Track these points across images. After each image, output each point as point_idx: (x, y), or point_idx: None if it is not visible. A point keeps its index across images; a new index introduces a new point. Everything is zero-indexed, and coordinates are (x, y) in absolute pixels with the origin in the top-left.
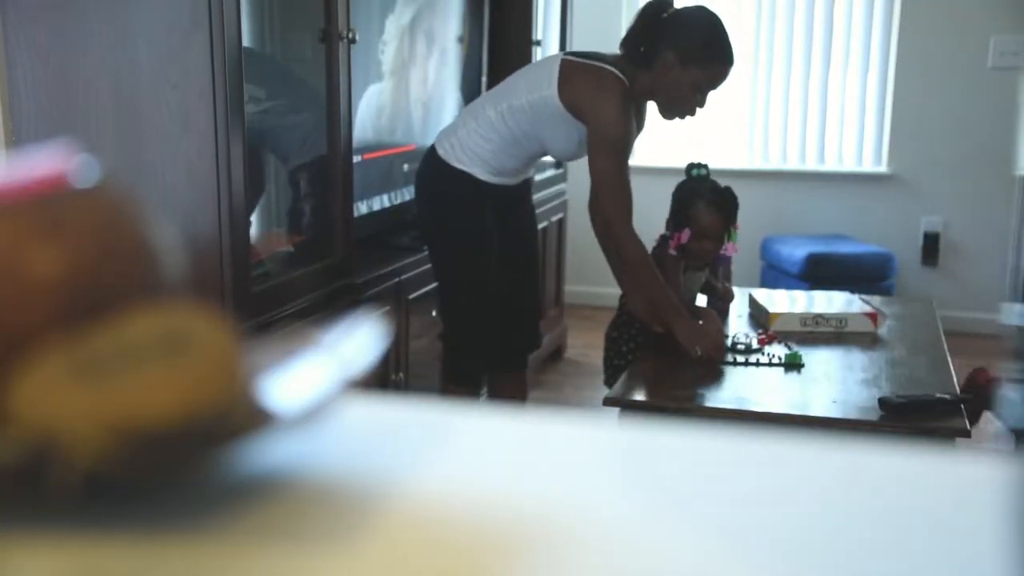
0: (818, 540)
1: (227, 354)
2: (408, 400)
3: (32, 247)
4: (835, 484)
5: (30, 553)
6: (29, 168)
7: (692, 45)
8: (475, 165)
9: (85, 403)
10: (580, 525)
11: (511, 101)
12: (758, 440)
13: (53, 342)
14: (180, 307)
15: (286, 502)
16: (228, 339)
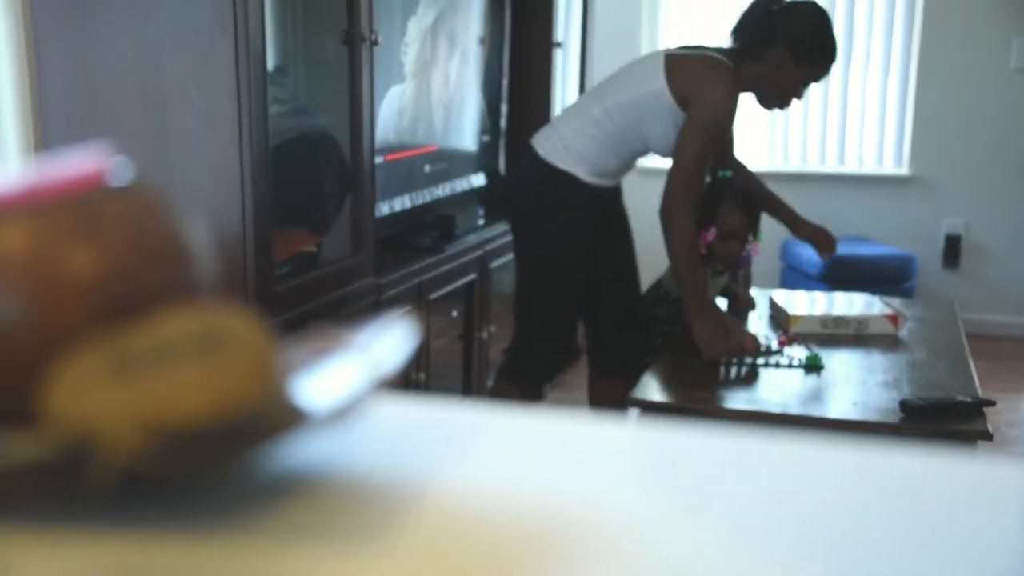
0: (841, 542)
1: (261, 353)
2: (437, 400)
3: (68, 247)
4: (858, 486)
5: (66, 549)
6: (64, 168)
7: (806, 42)
8: (578, 164)
9: (121, 401)
10: (608, 524)
11: (616, 98)
12: (781, 441)
13: (89, 341)
14: (214, 306)
15: (317, 501)
16: (262, 338)
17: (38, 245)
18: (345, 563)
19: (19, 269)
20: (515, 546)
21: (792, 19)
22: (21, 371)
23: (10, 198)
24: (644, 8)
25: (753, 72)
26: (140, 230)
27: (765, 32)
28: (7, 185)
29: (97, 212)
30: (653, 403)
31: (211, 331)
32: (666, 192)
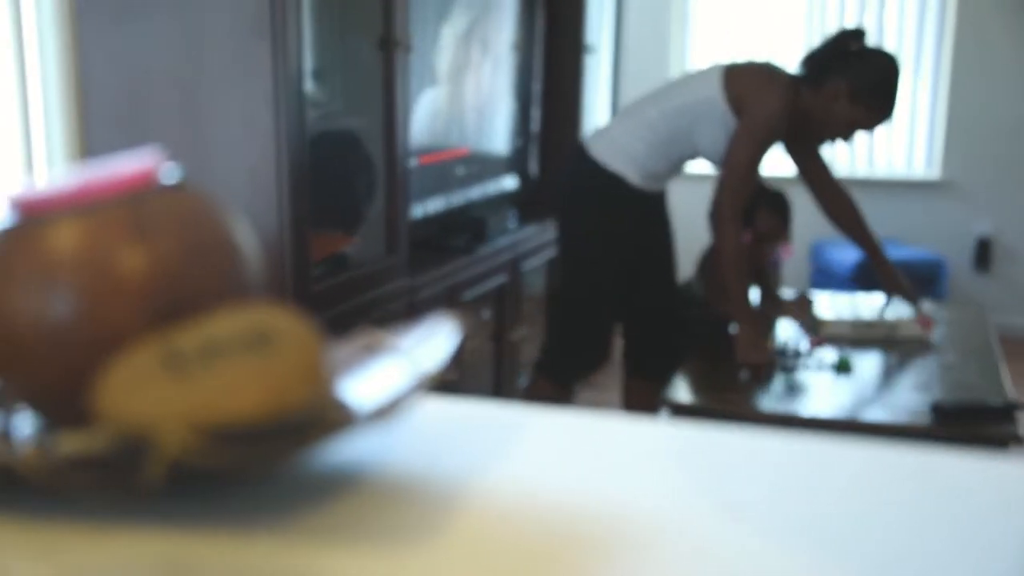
0: (876, 541)
1: (311, 353)
2: (470, 401)
3: (121, 248)
4: (892, 487)
5: (119, 542)
6: (116, 169)
7: (868, 85)
8: (627, 165)
9: (173, 399)
10: (649, 522)
11: (672, 102)
12: (817, 443)
13: (142, 340)
14: (263, 306)
15: (362, 498)
16: (311, 338)
17: (91, 246)
18: (390, 559)
19: (73, 269)
20: (557, 544)
21: (865, 60)
22: (75, 370)
23: (63, 199)
24: (674, 12)
25: (808, 98)
26: (191, 230)
27: (833, 64)
28: (60, 186)
29: (149, 213)
30: (685, 405)
31: (261, 330)
32: (716, 196)
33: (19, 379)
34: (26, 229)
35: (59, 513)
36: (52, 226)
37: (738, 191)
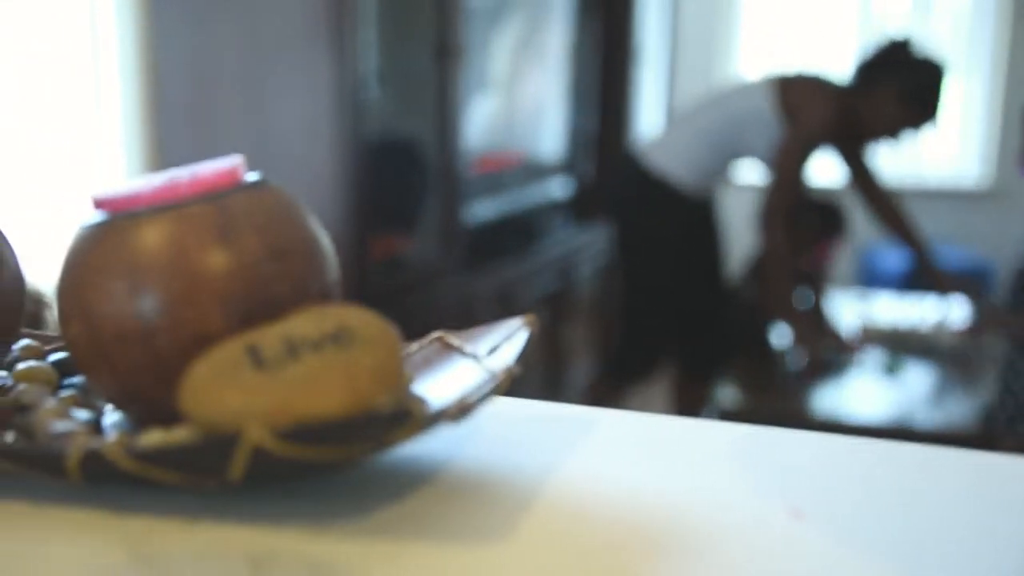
0: (938, 546)
1: (391, 352)
2: (549, 400)
3: (205, 248)
4: (952, 491)
5: (200, 537)
6: (200, 169)
7: (915, 86)
8: (678, 172)
9: (256, 396)
10: (719, 525)
11: (724, 111)
12: (881, 445)
13: (225, 338)
14: (343, 305)
15: (436, 497)
16: (391, 337)
17: (175, 246)
18: (464, 557)
19: (157, 270)
20: (625, 543)
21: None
22: (160, 369)
23: (146, 198)
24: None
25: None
26: (274, 231)
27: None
28: (143, 186)
29: (232, 213)
30: (732, 408)
31: (342, 330)
32: (763, 200)
33: (104, 378)
34: (110, 229)
35: (143, 505)
36: (136, 226)
37: (782, 195)
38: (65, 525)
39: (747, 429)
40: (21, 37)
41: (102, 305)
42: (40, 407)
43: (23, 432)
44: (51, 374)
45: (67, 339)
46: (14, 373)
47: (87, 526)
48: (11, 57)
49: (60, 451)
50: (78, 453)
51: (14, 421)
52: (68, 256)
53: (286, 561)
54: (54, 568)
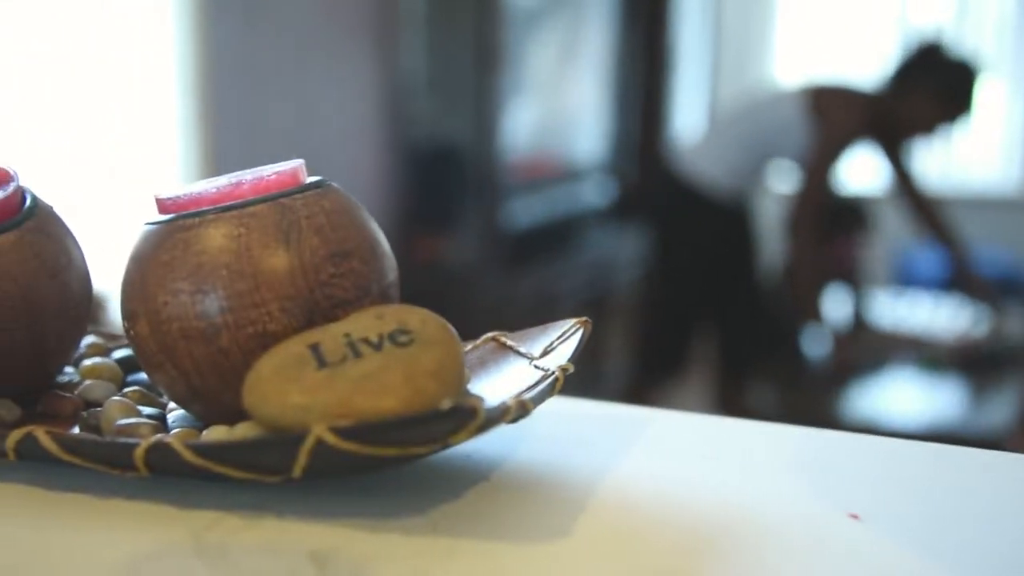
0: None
1: (451, 351)
2: (602, 400)
3: (268, 247)
4: (1005, 493)
5: (261, 528)
6: (261, 170)
7: (952, 89)
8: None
9: (317, 395)
10: (778, 527)
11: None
12: (937, 448)
13: (287, 338)
14: (402, 305)
15: (497, 494)
16: (451, 337)
17: (240, 245)
18: (521, 556)
19: (223, 269)
20: (686, 546)
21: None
22: (223, 369)
23: (208, 199)
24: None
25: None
26: (335, 232)
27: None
28: (205, 187)
29: (295, 212)
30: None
31: (403, 329)
32: (792, 205)
33: (168, 376)
34: (174, 229)
35: (205, 499)
36: (200, 227)
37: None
38: (131, 517)
39: (801, 431)
40: (83, 42)
41: (167, 304)
42: (106, 403)
43: (90, 427)
44: (116, 371)
45: (132, 337)
46: (80, 369)
47: (152, 519)
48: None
49: (127, 445)
50: (145, 447)
51: (81, 416)
52: (132, 256)
53: (346, 555)
54: (122, 559)
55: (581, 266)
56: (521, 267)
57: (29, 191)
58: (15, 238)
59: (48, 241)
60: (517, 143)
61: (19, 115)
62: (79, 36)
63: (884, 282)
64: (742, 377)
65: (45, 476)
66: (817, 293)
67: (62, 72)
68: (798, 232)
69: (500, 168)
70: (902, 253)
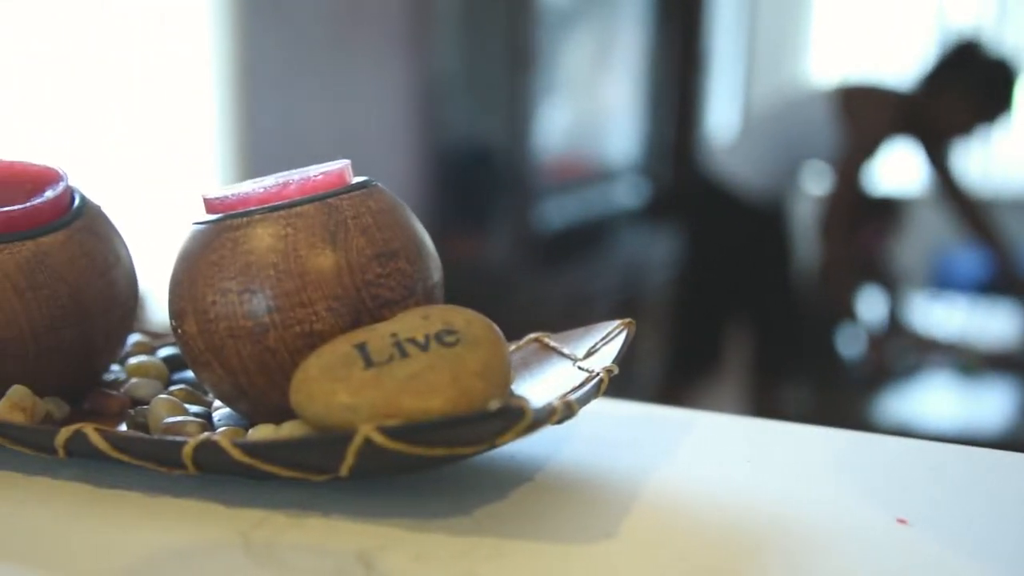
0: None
1: (496, 351)
2: (645, 402)
3: (315, 247)
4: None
5: (308, 526)
6: (309, 171)
7: (992, 89)
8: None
9: (364, 395)
10: (823, 530)
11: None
12: (977, 453)
13: (334, 338)
14: (448, 306)
15: (538, 495)
16: (496, 337)
17: (288, 245)
18: (567, 556)
19: (270, 269)
20: (732, 548)
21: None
22: (270, 368)
23: (256, 199)
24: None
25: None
26: (381, 232)
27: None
28: (252, 187)
29: (342, 212)
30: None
31: (449, 329)
32: (824, 207)
33: (215, 375)
34: (222, 229)
35: (251, 497)
36: (248, 226)
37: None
38: (179, 515)
39: (845, 434)
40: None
41: (215, 304)
42: (153, 401)
43: (137, 425)
44: (161, 369)
45: (179, 336)
46: (127, 367)
47: (200, 516)
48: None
49: (176, 443)
50: (194, 445)
51: (128, 414)
52: (181, 255)
53: (393, 555)
54: (172, 555)
55: (613, 267)
56: (553, 268)
57: (78, 191)
58: (65, 237)
59: (97, 240)
60: (550, 143)
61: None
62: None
63: (921, 284)
64: (775, 378)
65: (93, 473)
66: (851, 294)
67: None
68: (830, 233)
69: (533, 169)
70: (940, 255)
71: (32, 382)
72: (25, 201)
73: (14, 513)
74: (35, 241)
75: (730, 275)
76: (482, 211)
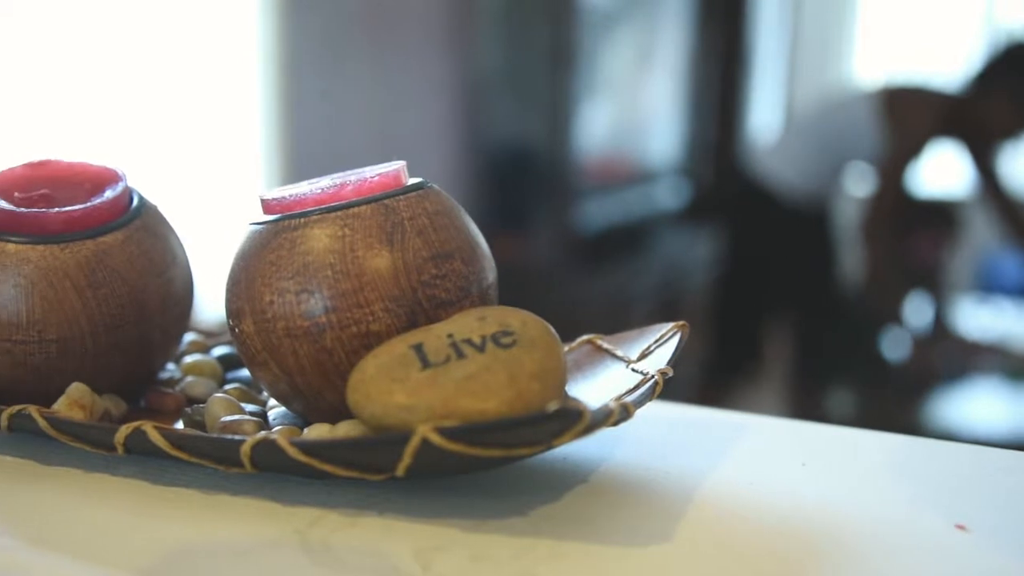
0: None
1: (552, 352)
2: (686, 404)
3: (372, 248)
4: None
5: (365, 525)
6: (365, 172)
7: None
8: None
9: (421, 396)
10: (881, 535)
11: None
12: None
13: (390, 337)
14: (504, 307)
15: (594, 497)
16: (552, 339)
17: (345, 246)
18: (624, 558)
19: (327, 269)
20: (790, 552)
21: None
22: (327, 368)
23: (312, 200)
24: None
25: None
26: (438, 231)
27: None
28: (311, 188)
29: (399, 213)
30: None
31: (505, 330)
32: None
33: (272, 374)
34: (279, 229)
35: (305, 496)
36: (305, 227)
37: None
38: (236, 512)
39: (900, 438)
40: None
41: (272, 303)
42: (210, 399)
43: (193, 423)
44: (216, 368)
45: (236, 335)
46: (182, 366)
47: (257, 514)
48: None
49: (234, 441)
50: (252, 444)
51: (185, 412)
52: (238, 254)
53: (450, 555)
54: (230, 552)
55: (654, 268)
56: (594, 269)
57: (136, 191)
58: (124, 237)
59: (154, 240)
60: (591, 144)
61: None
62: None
63: (968, 288)
64: (818, 382)
65: (150, 471)
66: (894, 297)
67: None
68: (872, 236)
69: (574, 169)
70: (987, 259)
71: (91, 380)
72: (85, 201)
73: (75, 509)
74: (95, 240)
75: (772, 277)
76: (523, 211)
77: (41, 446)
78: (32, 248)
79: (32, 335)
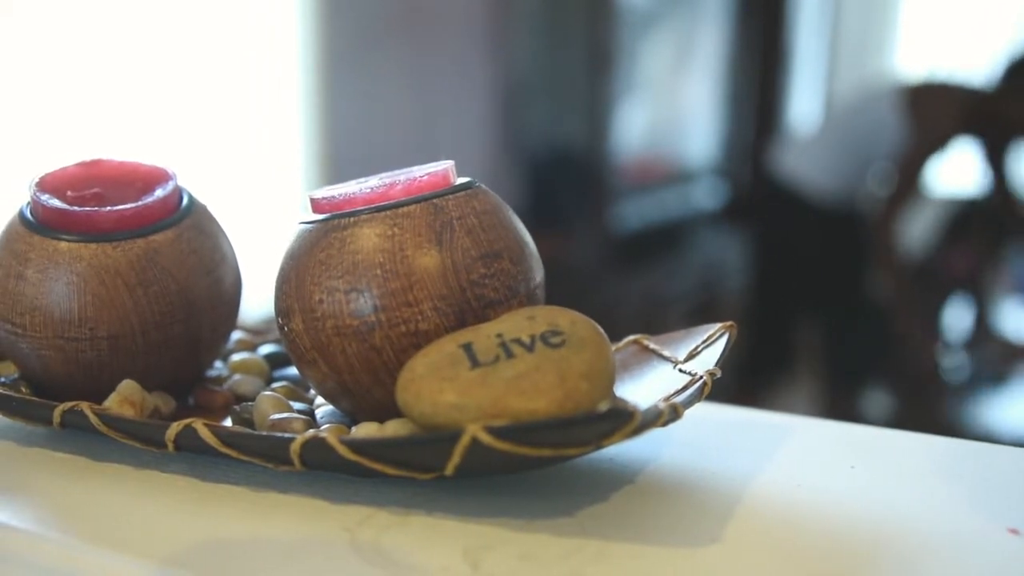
0: None
1: (601, 352)
2: (744, 406)
3: (421, 247)
4: None
5: (415, 524)
6: (413, 172)
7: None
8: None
9: (470, 395)
10: (931, 538)
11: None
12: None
13: (439, 336)
14: (552, 307)
15: (642, 498)
16: (601, 339)
17: (394, 245)
18: (672, 559)
19: (377, 268)
20: (839, 555)
21: None
22: (375, 366)
23: (361, 200)
24: (887, 20)
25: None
26: (486, 231)
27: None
28: (360, 187)
29: (447, 213)
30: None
31: (554, 330)
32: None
33: (320, 373)
34: (329, 229)
35: (354, 494)
36: (354, 226)
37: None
38: (285, 510)
39: (945, 441)
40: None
41: (321, 302)
42: (259, 397)
43: (242, 421)
44: (263, 366)
45: (285, 334)
46: (230, 364)
47: (306, 512)
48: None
49: (284, 439)
50: (301, 442)
51: (233, 410)
52: (287, 253)
53: (499, 555)
54: (280, 550)
55: (691, 268)
56: (631, 269)
57: (186, 190)
58: (174, 235)
59: (204, 238)
60: (629, 144)
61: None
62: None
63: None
64: (853, 382)
65: (199, 468)
66: (913, 297)
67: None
68: (889, 236)
69: (612, 169)
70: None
71: (141, 377)
72: (136, 200)
73: (125, 505)
74: (146, 239)
75: (808, 278)
76: (560, 211)
77: (92, 442)
78: (84, 246)
79: (84, 332)
